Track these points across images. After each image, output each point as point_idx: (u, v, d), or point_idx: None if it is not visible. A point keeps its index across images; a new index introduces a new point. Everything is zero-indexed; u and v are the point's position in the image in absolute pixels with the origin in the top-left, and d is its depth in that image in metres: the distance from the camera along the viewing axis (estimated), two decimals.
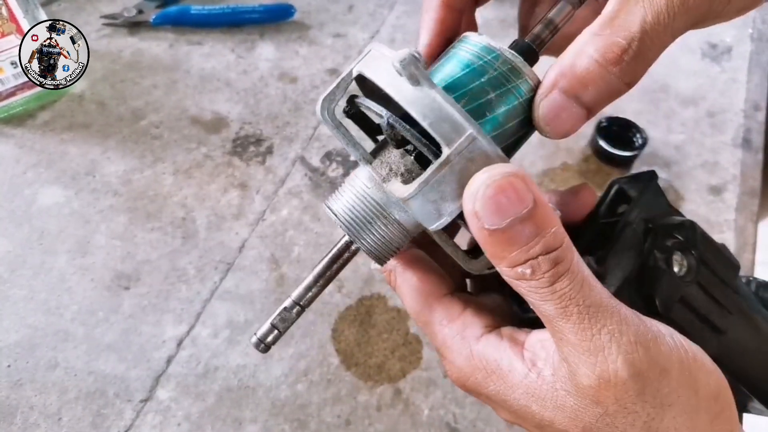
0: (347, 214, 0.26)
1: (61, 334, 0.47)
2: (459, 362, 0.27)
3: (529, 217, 0.21)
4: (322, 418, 0.44)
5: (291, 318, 0.27)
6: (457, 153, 0.22)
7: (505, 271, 0.23)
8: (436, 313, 0.28)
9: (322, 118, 0.26)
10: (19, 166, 0.57)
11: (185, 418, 0.44)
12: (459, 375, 0.27)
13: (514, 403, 0.25)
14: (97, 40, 0.66)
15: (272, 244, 0.53)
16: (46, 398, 0.44)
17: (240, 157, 0.58)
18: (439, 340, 0.28)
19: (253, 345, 0.26)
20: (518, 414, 0.25)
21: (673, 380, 0.22)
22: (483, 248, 0.23)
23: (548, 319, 0.23)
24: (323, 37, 0.69)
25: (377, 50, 0.25)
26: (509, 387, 0.25)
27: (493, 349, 0.26)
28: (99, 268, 0.51)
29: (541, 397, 0.24)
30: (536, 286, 0.22)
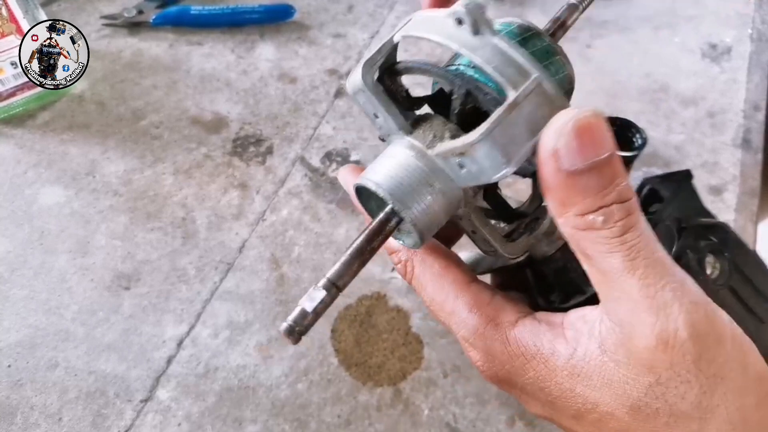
0: (391, 182, 0.24)
1: (62, 334, 0.47)
2: (494, 350, 0.25)
3: (608, 163, 0.20)
4: (322, 418, 0.44)
5: (326, 301, 0.24)
6: (525, 96, 0.21)
7: (572, 221, 0.21)
8: (464, 300, 0.26)
9: (363, 83, 0.25)
10: (19, 166, 0.57)
11: (185, 418, 0.44)
12: (492, 364, 0.25)
13: (555, 388, 0.23)
14: (97, 41, 0.66)
15: (272, 244, 0.53)
16: (46, 398, 0.44)
17: (240, 157, 0.58)
18: (469, 328, 0.26)
19: (284, 332, 0.23)
20: (556, 404, 0.24)
21: (728, 351, 0.21)
22: (552, 194, 0.21)
23: (610, 275, 0.21)
24: (323, 38, 0.69)
25: (420, 15, 0.24)
26: (551, 371, 0.23)
27: (530, 333, 0.24)
28: (99, 268, 0.51)
29: (588, 375, 0.22)
30: (607, 236, 0.21)
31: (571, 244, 0.22)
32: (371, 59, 0.25)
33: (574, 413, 0.23)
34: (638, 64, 0.66)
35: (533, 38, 0.24)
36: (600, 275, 0.22)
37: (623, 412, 0.22)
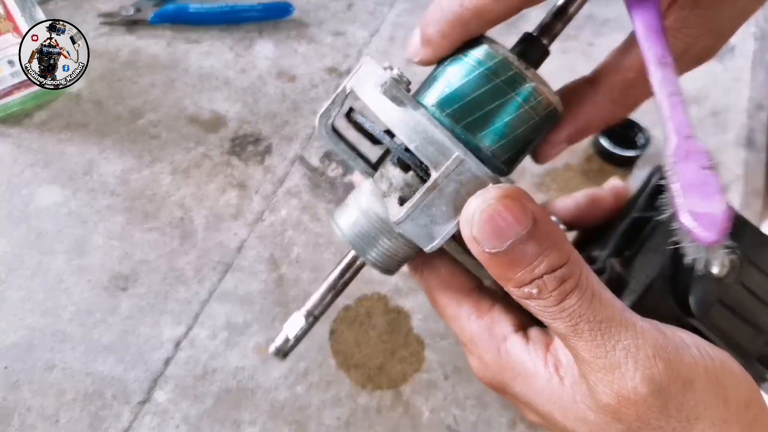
0: (351, 230, 0.26)
1: (59, 335, 0.47)
2: (486, 359, 0.26)
3: (529, 237, 0.21)
4: (321, 421, 0.44)
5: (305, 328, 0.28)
6: (445, 176, 0.21)
7: (512, 292, 0.22)
8: (465, 308, 0.27)
9: (321, 134, 0.26)
10: (16, 165, 0.56)
11: (183, 420, 0.44)
12: (486, 372, 0.27)
13: (539, 407, 0.25)
14: (94, 39, 0.65)
15: (271, 244, 0.52)
16: (43, 400, 0.44)
17: (238, 156, 0.58)
18: (467, 334, 0.27)
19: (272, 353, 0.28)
20: (544, 417, 0.25)
21: (698, 392, 0.21)
22: (488, 270, 0.22)
23: (561, 337, 0.22)
24: (322, 35, 0.68)
25: (368, 65, 0.24)
26: (534, 391, 0.25)
27: (519, 350, 0.26)
28: (96, 269, 0.50)
29: (563, 407, 0.24)
30: (544, 305, 0.22)
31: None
32: (326, 112, 0.26)
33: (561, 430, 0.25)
34: None
35: (500, 68, 0.23)
36: (557, 335, 0.23)
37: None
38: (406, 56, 0.27)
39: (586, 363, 0.22)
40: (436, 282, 0.28)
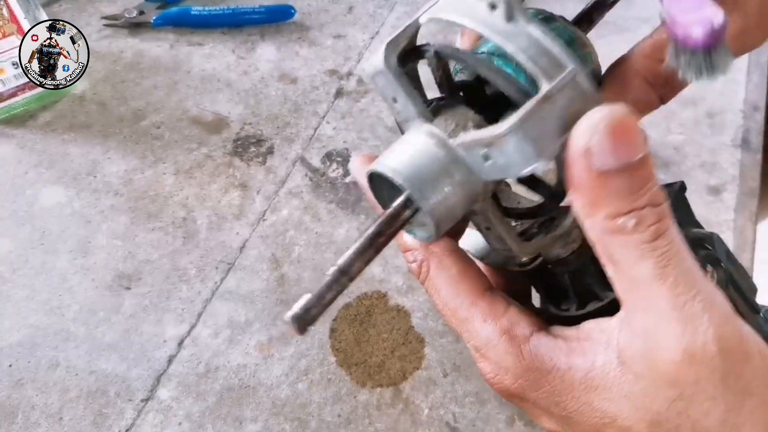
0: (409, 169, 0.22)
1: (63, 333, 0.47)
2: (506, 363, 0.24)
3: (641, 165, 0.19)
4: (322, 417, 0.45)
5: (336, 290, 0.23)
6: (559, 89, 0.20)
7: (600, 224, 0.20)
8: (478, 310, 0.25)
9: (385, 65, 0.23)
10: (20, 166, 0.57)
11: (186, 418, 0.44)
12: (503, 377, 0.24)
13: (571, 402, 0.22)
14: (98, 41, 0.66)
15: (273, 244, 0.53)
16: (47, 398, 0.45)
17: (241, 157, 0.58)
18: (481, 339, 0.25)
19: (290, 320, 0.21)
20: (571, 418, 0.23)
21: (754, 367, 0.20)
22: (580, 194, 0.20)
23: (638, 283, 0.20)
24: (323, 38, 0.69)
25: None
26: (567, 385, 0.22)
27: (546, 348, 0.23)
28: (100, 268, 0.51)
29: (606, 388, 0.21)
30: (638, 241, 0.20)
31: (597, 249, 0.21)
32: (395, 40, 0.23)
33: (590, 428, 0.22)
34: None
35: (558, 29, 0.23)
36: (626, 282, 0.21)
37: (642, 426, 0.21)
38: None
39: (658, 314, 0.20)
40: (445, 282, 0.26)
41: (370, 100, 0.63)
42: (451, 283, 0.26)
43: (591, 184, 0.20)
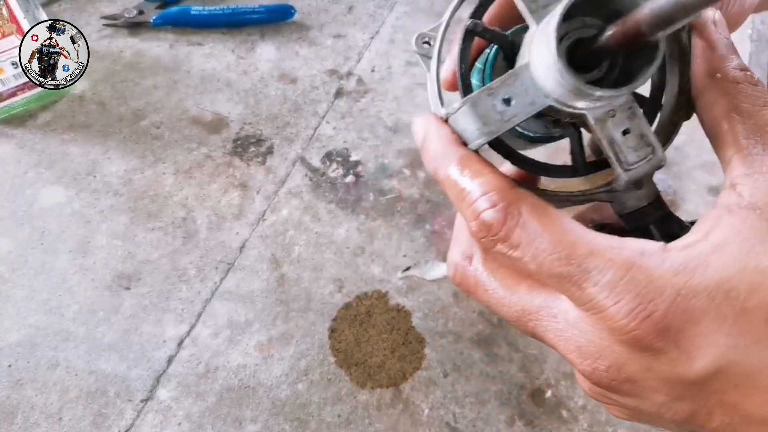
0: None
1: (62, 333, 0.47)
2: (658, 278, 0.19)
3: None
4: (322, 418, 0.45)
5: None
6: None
7: (732, 73, 0.22)
8: (600, 242, 0.20)
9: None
10: (20, 166, 0.57)
11: (186, 418, 0.44)
12: (655, 303, 0.19)
13: (744, 280, 0.19)
14: (97, 41, 0.66)
15: (273, 244, 0.53)
16: (46, 398, 0.45)
17: (240, 157, 0.58)
18: (620, 269, 0.20)
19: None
20: (746, 309, 0.19)
21: None
22: (716, 49, 0.22)
23: (764, 126, 0.21)
24: (323, 38, 0.69)
25: None
26: (725, 262, 0.19)
27: (686, 249, 0.20)
28: (100, 268, 0.51)
29: (760, 235, 0.19)
30: (763, 91, 0.21)
31: (720, 101, 0.22)
32: None
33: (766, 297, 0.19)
34: None
35: None
36: (751, 129, 0.21)
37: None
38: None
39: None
40: (549, 220, 0.21)
41: (370, 100, 0.63)
42: (557, 220, 0.21)
43: (722, 42, 0.22)
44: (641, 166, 0.23)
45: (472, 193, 0.22)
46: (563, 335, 0.21)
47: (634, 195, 0.24)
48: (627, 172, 0.23)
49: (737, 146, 0.21)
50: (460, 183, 0.22)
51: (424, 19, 0.69)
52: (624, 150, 0.23)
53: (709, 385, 0.20)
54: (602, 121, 0.22)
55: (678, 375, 0.20)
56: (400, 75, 0.65)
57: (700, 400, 0.20)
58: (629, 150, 0.23)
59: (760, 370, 0.19)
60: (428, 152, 0.24)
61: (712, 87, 0.22)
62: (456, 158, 0.23)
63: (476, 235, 0.22)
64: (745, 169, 0.21)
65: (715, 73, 0.22)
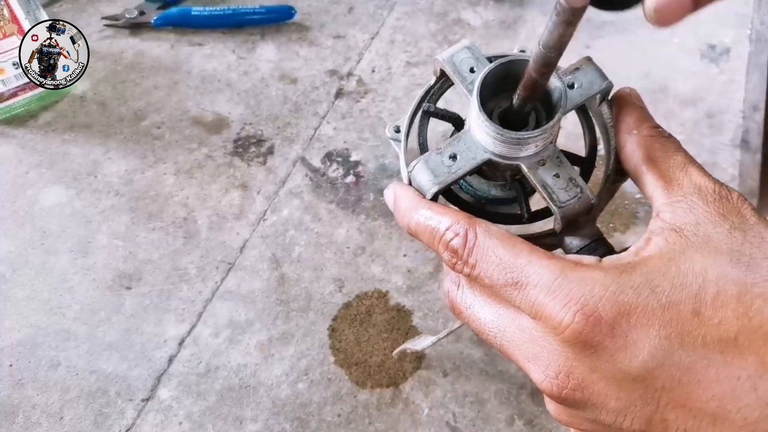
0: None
1: (63, 333, 0.48)
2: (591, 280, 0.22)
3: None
4: (322, 417, 0.45)
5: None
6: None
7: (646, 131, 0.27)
8: (541, 252, 0.24)
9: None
10: (21, 166, 0.57)
11: (186, 417, 0.44)
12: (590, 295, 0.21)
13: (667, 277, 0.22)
14: (98, 41, 0.66)
15: (273, 244, 0.53)
16: (47, 397, 0.45)
17: (241, 157, 0.59)
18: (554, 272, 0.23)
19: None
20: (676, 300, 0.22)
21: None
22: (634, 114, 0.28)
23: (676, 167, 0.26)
24: (323, 39, 0.69)
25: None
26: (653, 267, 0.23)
27: (618, 260, 0.24)
28: (101, 268, 0.51)
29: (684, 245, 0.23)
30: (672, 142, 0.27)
31: (638, 152, 0.26)
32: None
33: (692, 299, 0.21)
34: (637, 64, 0.66)
35: None
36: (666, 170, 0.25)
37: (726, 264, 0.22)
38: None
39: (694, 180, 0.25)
40: (499, 239, 0.24)
41: (370, 100, 0.63)
42: (505, 239, 0.25)
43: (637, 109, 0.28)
44: (572, 204, 0.27)
45: (439, 229, 0.26)
46: (522, 346, 0.24)
47: (578, 235, 0.28)
48: (560, 209, 0.27)
49: (656, 183, 0.25)
50: (428, 225, 0.26)
51: (424, 20, 0.69)
52: (556, 191, 0.27)
53: (653, 381, 0.21)
54: (534, 169, 0.27)
55: (620, 370, 0.21)
56: (400, 75, 0.65)
57: (650, 401, 0.21)
58: (560, 191, 0.27)
59: (695, 362, 0.21)
60: (399, 210, 0.28)
61: (631, 142, 0.27)
62: (421, 206, 0.27)
63: (449, 263, 0.26)
64: (665, 199, 0.25)
65: (632, 131, 0.27)
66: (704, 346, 0.21)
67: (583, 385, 0.22)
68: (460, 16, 0.71)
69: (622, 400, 0.22)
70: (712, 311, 0.21)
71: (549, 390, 0.23)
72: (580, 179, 0.27)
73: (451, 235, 0.25)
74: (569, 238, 0.28)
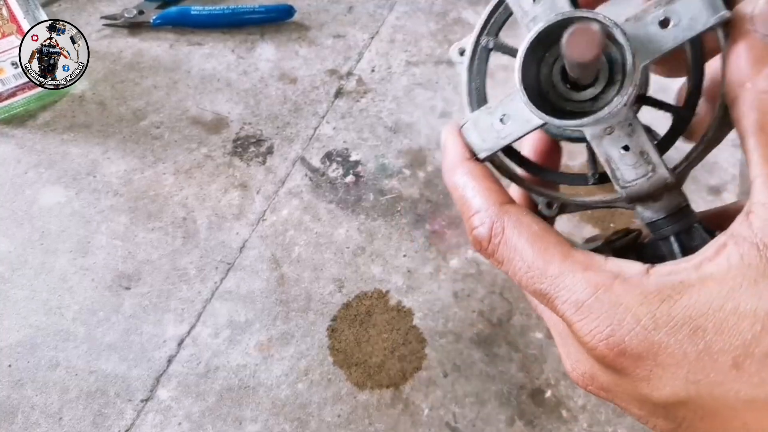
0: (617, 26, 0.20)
1: (62, 333, 0.47)
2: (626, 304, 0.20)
3: None
4: (322, 418, 0.45)
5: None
6: None
7: (764, 83, 0.19)
8: (576, 260, 0.21)
9: None
10: (20, 166, 0.57)
11: (186, 418, 0.44)
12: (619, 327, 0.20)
13: (713, 319, 0.18)
14: (97, 41, 0.66)
15: (273, 244, 0.53)
16: (47, 398, 0.45)
17: (240, 157, 0.58)
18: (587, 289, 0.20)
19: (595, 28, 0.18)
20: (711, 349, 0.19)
21: None
22: (747, 53, 0.20)
23: None
24: (323, 38, 0.69)
25: None
26: (704, 301, 0.19)
27: (670, 275, 0.19)
28: (100, 268, 0.51)
29: (752, 279, 0.18)
30: None
31: (750, 114, 0.20)
32: None
33: (737, 350, 0.18)
34: None
35: None
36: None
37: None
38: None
39: None
40: (528, 239, 0.22)
41: (370, 100, 0.63)
42: (536, 239, 0.22)
43: (757, 44, 0.19)
44: (639, 184, 0.23)
45: (468, 209, 0.24)
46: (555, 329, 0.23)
47: (651, 207, 0.23)
48: (624, 189, 0.23)
49: (761, 168, 0.20)
50: (462, 195, 0.24)
51: (424, 19, 0.69)
52: (621, 167, 0.23)
53: (675, 411, 0.20)
54: (599, 138, 0.22)
55: (642, 396, 0.20)
56: (400, 75, 0.65)
57: (672, 421, 0.20)
58: (627, 167, 0.23)
59: (725, 408, 0.19)
60: (444, 162, 0.25)
61: (742, 98, 0.20)
62: (460, 169, 0.24)
63: (474, 247, 0.24)
64: (764, 197, 0.19)
65: (745, 82, 0.20)
66: (736, 400, 0.18)
67: (607, 389, 0.22)
68: (460, 15, 0.71)
69: (644, 412, 0.21)
70: (756, 367, 0.18)
71: (577, 382, 0.22)
72: (654, 153, 0.22)
73: (477, 222, 0.23)
74: (641, 207, 0.24)
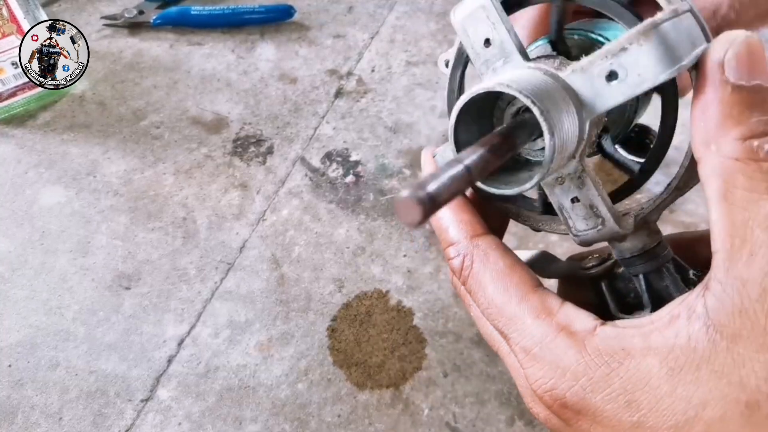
0: (528, 87, 0.19)
1: (62, 333, 0.47)
2: (565, 361, 0.20)
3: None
4: (322, 418, 0.45)
5: (458, 186, 0.17)
6: (682, 11, 0.19)
7: (729, 147, 0.18)
8: (530, 305, 0.22)
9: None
10: (20, 166, 0.57)
11: (186, 418, 0.44)
12: (560, 380, 0.20)
13: (648, 397, 0.19)
14: (97, 41, 0.66)
15: (273, 244, 0.53)
16: (47, 398, 0.45)
17: (240, 157, 0.58)
18: (535, 336, 0.21)
19: (416, 199, 0.16)
20: (645, 423, 0.19)
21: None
22: (714, 109, 0.18)
23: (755, 221, 0.17)
24: (323, 38, 0.69)
25: None
26: (644, 374, 0.19)
27: (615, 339, 0.20)
28: (100, 268, 0.51)
29: (693, 367, 0.17)
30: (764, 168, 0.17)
31: (712, 182, 0.18)
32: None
33: (669, 430, 0.18)
34: None
35: None
36: (738, 221, 0.17)
37: (736, 412, 0.17)
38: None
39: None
40: (492, 276, 0.23)
41: (370, 100, 0.63)
42: (499, 277, 0.23)
43: (727, 97, 0.18)
44: (590, 234, 0.23)
45: (444, 240, 0.25)
46: (514, 366, 0.24)
47: (618, 246, 0.23)
48: (576, 237, 0.23)
49: (721, 243, 0.18)
50: (438, 226, 0.25)
51: (424, 19, 0.69)
52: (572, 216, 0.23)
53: None
54: (551, 186, 0.23)
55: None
56: (400, 75, 0.65)
57: None
58: (578, 218, 0.23)
59: None
60: None
61: (705, 161, 0.19)
62: None
63: (452, 274, 0.25)
64: (722, 274, 0.18)
65: (710, 143, 0.18)
66: None
67: (559, 429, 0.22)
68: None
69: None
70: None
71: (536, 417, 0.24)
72: (603, 208, 0.22)
73: (452, 253, 0.24)
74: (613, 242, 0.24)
